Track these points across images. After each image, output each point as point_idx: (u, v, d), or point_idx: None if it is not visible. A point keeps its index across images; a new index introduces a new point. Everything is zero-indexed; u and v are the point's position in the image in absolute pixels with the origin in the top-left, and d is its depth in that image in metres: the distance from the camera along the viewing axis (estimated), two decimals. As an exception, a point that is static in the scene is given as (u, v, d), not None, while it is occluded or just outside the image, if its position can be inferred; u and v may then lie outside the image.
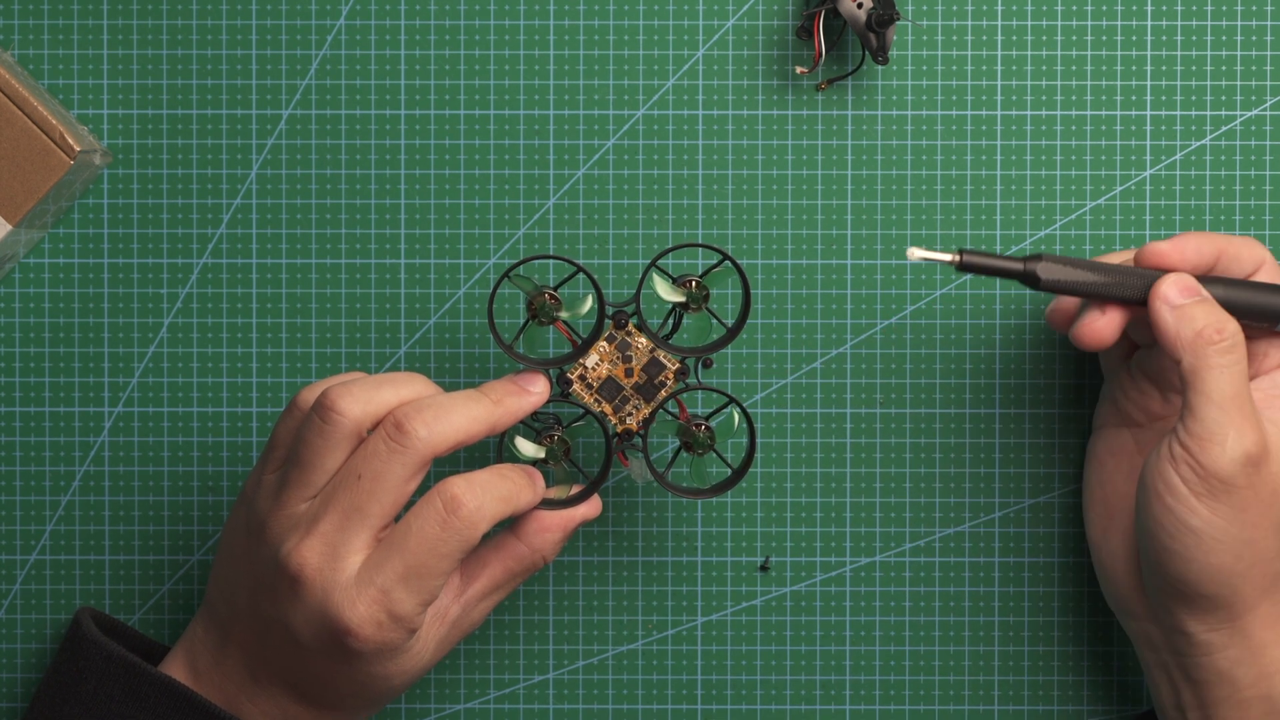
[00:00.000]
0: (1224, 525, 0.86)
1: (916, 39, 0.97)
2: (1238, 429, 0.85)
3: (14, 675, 0.98)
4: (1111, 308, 0.89)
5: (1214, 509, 0.86)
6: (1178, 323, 0.87)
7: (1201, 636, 0.88)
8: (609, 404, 0.90)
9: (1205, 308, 0.87)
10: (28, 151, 0.93)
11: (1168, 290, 0.88)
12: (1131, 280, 0.88)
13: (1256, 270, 0.90)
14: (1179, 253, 0.89)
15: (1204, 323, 0.87)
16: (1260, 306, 0.89)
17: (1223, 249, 0.90)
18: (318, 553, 0.85)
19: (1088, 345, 0.89)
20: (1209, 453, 0.85)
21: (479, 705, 0.98)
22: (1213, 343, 0.86)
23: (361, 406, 0.86)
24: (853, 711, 0.98)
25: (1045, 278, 0.88)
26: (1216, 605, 0.87)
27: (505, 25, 0.97)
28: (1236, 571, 0.86)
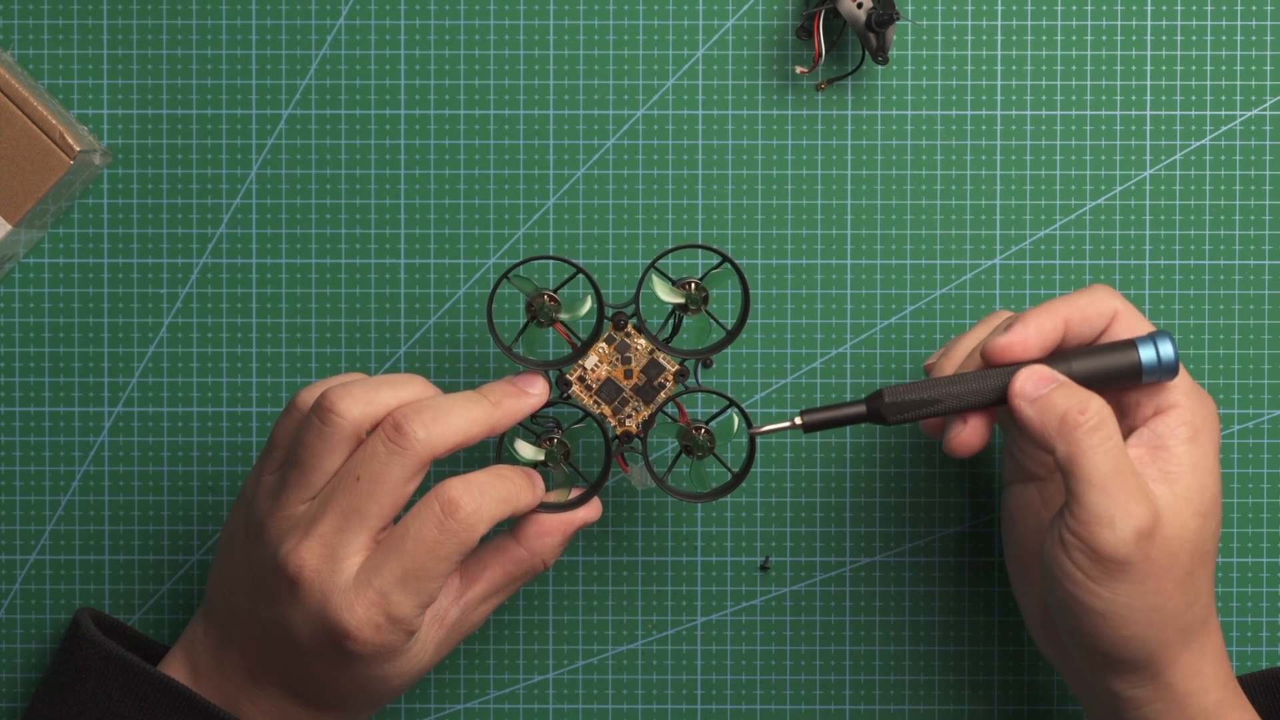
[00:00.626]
0: (1127, 601, 0.85)
1: (916, 39, 0.97)
2: (1123, 508, 0.84)
3: (14, 675, 0.98)
4: (972, 416, 0.88)
5: (1114, 589, 0.85)
6: (1041, 415, 0.86)
7: (1127, 694, 0.88)
8: (608, 406, 0.90)
9: (1062, 392, 0.86)
10: (28, 151, 0.93)
11: (1022, 386, 0.86)
12: (979, 385, 0.87)
13: (1110, 323, 0.88)
14: (1022, 343, 0.87)
15: (1064, 407, 0.85)
16: (1121, 368, 0.87)
17: (1066, 318, 0.88)
18: (316, 554, 0.85)
19: (962, 455, 0.88)
20: (1099, 537, 0.84)
21: (479, 705, 0.98)
22: (1078, 425, 0.85)
23: (360, 408, 0.86)
24: (853, 711, 0.98)
25: (892, 415, 0.87)
26: (1136, 667, 0.87)
27: (505, 25, 0.97)
28: (1149, 636, 0.86)
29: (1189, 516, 0.86)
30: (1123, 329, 0.88)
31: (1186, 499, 0.86)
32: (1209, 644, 0.88)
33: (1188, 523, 0.86)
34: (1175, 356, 0.87)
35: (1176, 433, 0.87)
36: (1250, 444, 0.97)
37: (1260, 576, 0.98)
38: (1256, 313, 0.97)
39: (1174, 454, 0.87)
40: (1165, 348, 0.87)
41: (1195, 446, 0.87)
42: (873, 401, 0.88)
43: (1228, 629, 0.98)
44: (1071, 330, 0.88)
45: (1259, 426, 0.97)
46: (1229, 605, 0.98)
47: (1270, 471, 0.97)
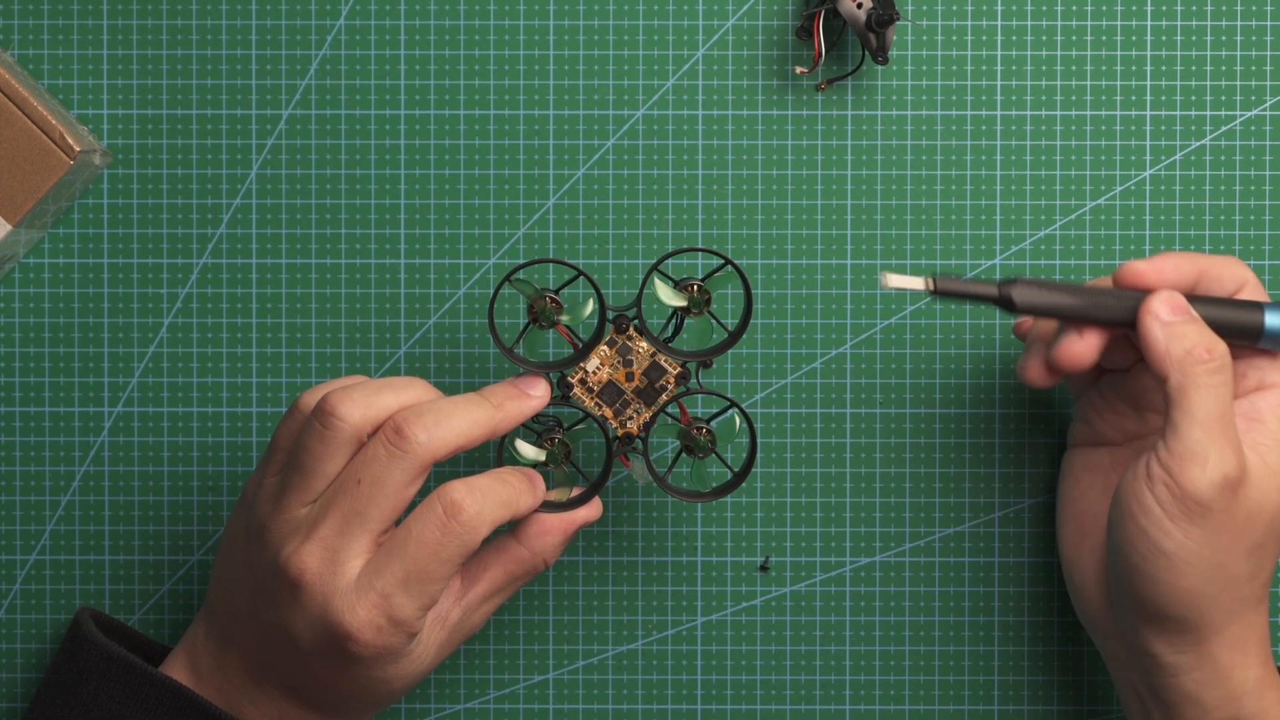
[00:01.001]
0: (1196, 549, 0.85)
1: (916, 39, 0.97)
2: (1219, 450, 0.85)
3: (14, 675, 0.98)
4: (1089, 330, 0.88)
5: (1188, 532, 0.85)
6: (1168, 339, 0.86)
7: (1168, 659, 0.88)
8: (609, 408, 0.90)
9: (1195, 327, 0.87)
10: (28, 151, 0.93)
11: (1158, 306, 0.87)
12: (1110, 301, 0.88)
13: (1238, 290, 0.89)
14: (1158, 272, 0.88)
15: (1194, 341, 0.86)
16: (1243, 324, 0.88)
17: (1203, 269, 0.89)
18: (317, 557, 0.85)
19: (1067, 368, 0.88)
20: (1188, 473, 0.85)
21: (479, 705, 0.98)
22: (1202, 361, 0.86)
23: (362, 411, 0.86)
24: (853, 711, 0.98)
25: (1020, 301, 0.87)
26: (1184, 628, 0.87)
27: (505, 25, 0.97)
28: (1206, 595, 0.86)
29: (1274, 489, 0.86)
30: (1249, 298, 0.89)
31: (1275, 471, 0.87)
32: (1258, 622, 0.88)
33: (1270, 493, 0.86)
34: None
35: (1275, 409, 0.88)
36: (1250, 444, 0.98)
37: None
38: (1256, 313, 0.97)
39: (1268, 428, 0.88)
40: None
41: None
42: (1005, 287, 0.87)
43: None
44: (1203, 283, 0.89)
45: (1259, 426, 0.97)
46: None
47: (1270, 471, 0.97)
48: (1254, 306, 0.88)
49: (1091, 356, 0.88)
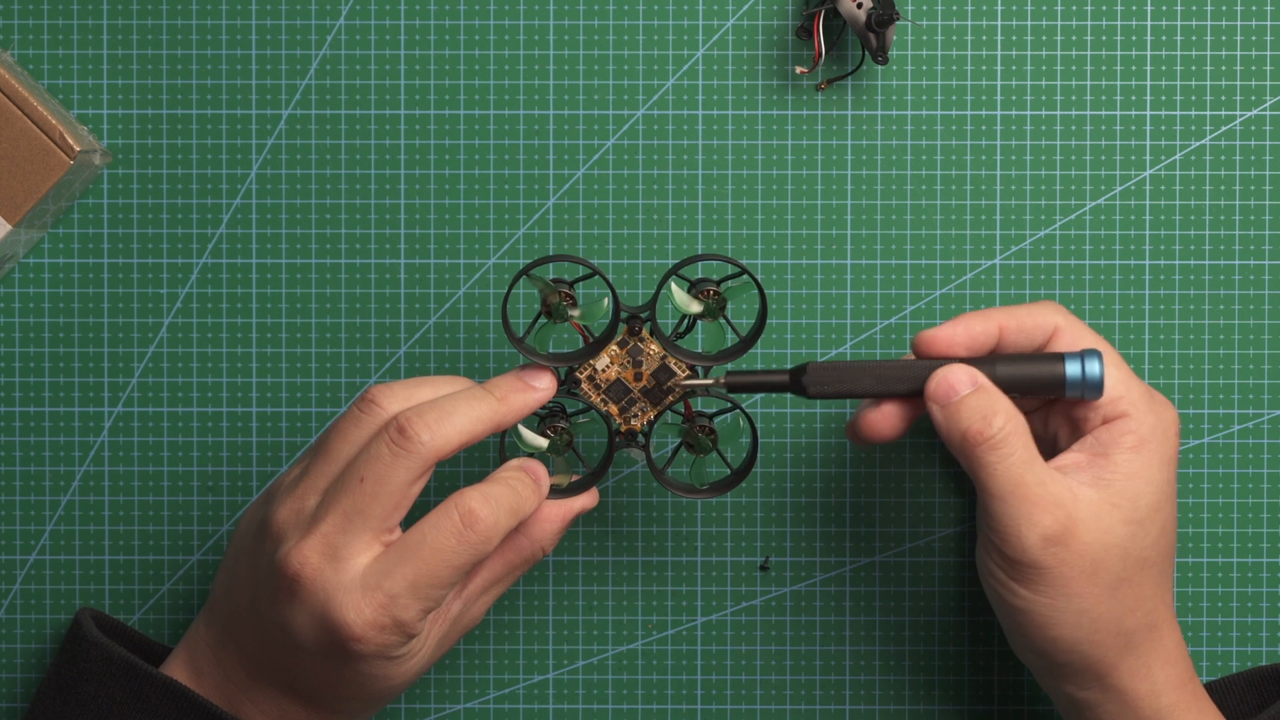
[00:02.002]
0: (1048, 602, 0.86)
1: (916, 39, 0.97)
2: (1027, 518, 0.85)
3: (14, 675, 0.98)
4: (887, 402, 0.89)
5: (1033, 589, 0.86)
6: (946, 424, 0.87)
7: (1079, 696, 0.89)
8: (615, 405, 0.90)
9: (971, 402, 0.87)
10: (28, 151, 0.93)
11: (935, 389, 0.87)
12: (900, 375, 0.88)
13: (1049, 338, 0.89)
14: (949, 339, 0.88)
15: (967, 423, 0.86)
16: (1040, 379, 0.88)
17: (1001, 324, 0.89)
18: (318, 553, 0.85)
19: (869, 439, 0.89)
20: (1008, 544, 0.86)
21: (479, 705, 0.98)
22: (979, 442, 0.86)
23: (400, 403, 0.87)
24: (853, 711, 0.98)
25: (813, 389, 0.88)
26: (1075, 670, 0.88)
27: (505, 25, 0.97)
28: (1080, 639, 0.87)
29: (1116, 523, 0.87)
30: (1065, 345, 0.89)
31: (1115, 505, 0.87)
32: (1158, 649, 0.89)
33: (1113, 529, 0.87)
34: (1101, 376, 0.87)
35: (1120, 441, 0.88)
36: (1250, 444, 0.98)
37: (1260, 576, 0.98)
38: (1256, 313, 0.97)
39: (1113, 461, 0.88)
40: (1093, 366, 0.87)
41: (1137, 455, 0.88)
42: (797, 373, 0.89)
43: (1227, 629, 0.98)
44: (1007, 339, 0.89)
45: (1259, 426, 0.97)
46: (1229, 605, 0.98)
47: (1270, 471, 0.98)
48: (1054, 359, 0.88)
49: (891, 426, 0.89)
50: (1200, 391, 0.97)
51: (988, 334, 0.89)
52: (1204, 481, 0.97)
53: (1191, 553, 0.97)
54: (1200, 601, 0.98)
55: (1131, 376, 0.89)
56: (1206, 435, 0.97)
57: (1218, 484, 0.97)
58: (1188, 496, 0.97)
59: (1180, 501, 0.97)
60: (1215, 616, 0.98)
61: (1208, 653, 0.98)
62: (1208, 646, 0.98)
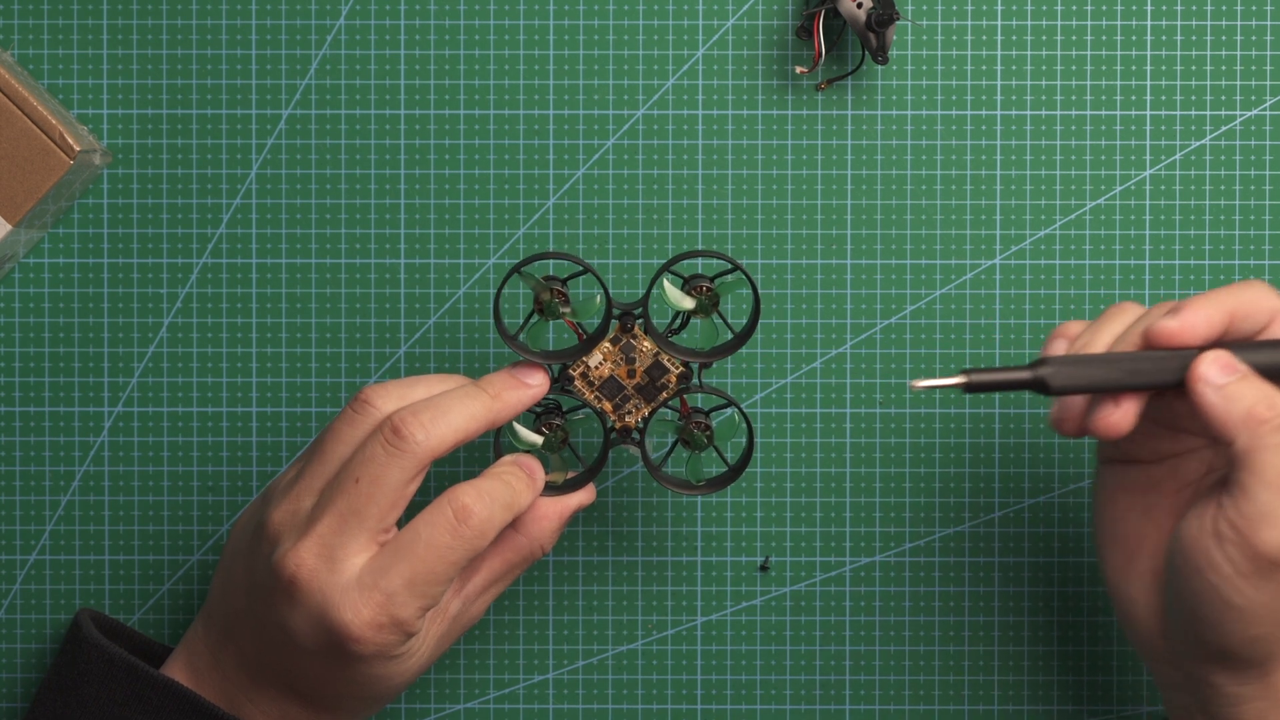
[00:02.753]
0: (1268, 601, 0.83)
1: (916, 39, 0.97)
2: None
3: (14, 675, 0.98)
4: (1125, 397, 0.85)
5: (1260, 588, 0.83)
6: (1225, 404, 0.84)
7: (1230, 689, 0.86)
8: (609, 402, 0.90)
9: (1249, 385, 0.84)
10: (28, 151, 0.93)
11: (1207, 371, 0.84)
12: (1148, 366, 0.85)
13: (1271, 321, 0.87)
14: (1190, 329, 0.85)
15: (1252, 400, 0.83)
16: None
17: (1231, 310, 0.86)
18: (314, 554, 0.85)
19: (1107, 437, 0.85)
20: (1262, 535, 0.82)
21: (479, 705, 0.98)
22: (1264, 421, 0.83)
23: (395, 403, 0.87)
24: (853, 711, 0.98)
25: (1055, 384, 0.85)
26: (1249, 664, 0.85)
27: (505, 25, 0.97)
28: (1274, 638, 0.84)
29: None
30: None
31: None
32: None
33: None
34: None
35: None
36: (1250, 444, 0.97)
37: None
38: (1256, 313, 0.97)
39: None
40: None
41: None
42: (1038, 369, 0.85)
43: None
44: (1234, 324, 0.86)
45: (1259, 426, 0.97)
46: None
47: (1270, 471, 0.97)
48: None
49: (1130, 423, 0.85)
50: (1200, 391, 0.97)
51: (1222, 320, 0.85)
52: (1204, 481, 0.97)
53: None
54: (1200, 601, 0.98)
55: None
56: (1206, 435, 0.97)
57: (1218, 484, 0.97)
58: (1188, 496, 0.97)
59: (1180, 501, 0.97)
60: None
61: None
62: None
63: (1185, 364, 0.85)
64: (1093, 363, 0.85)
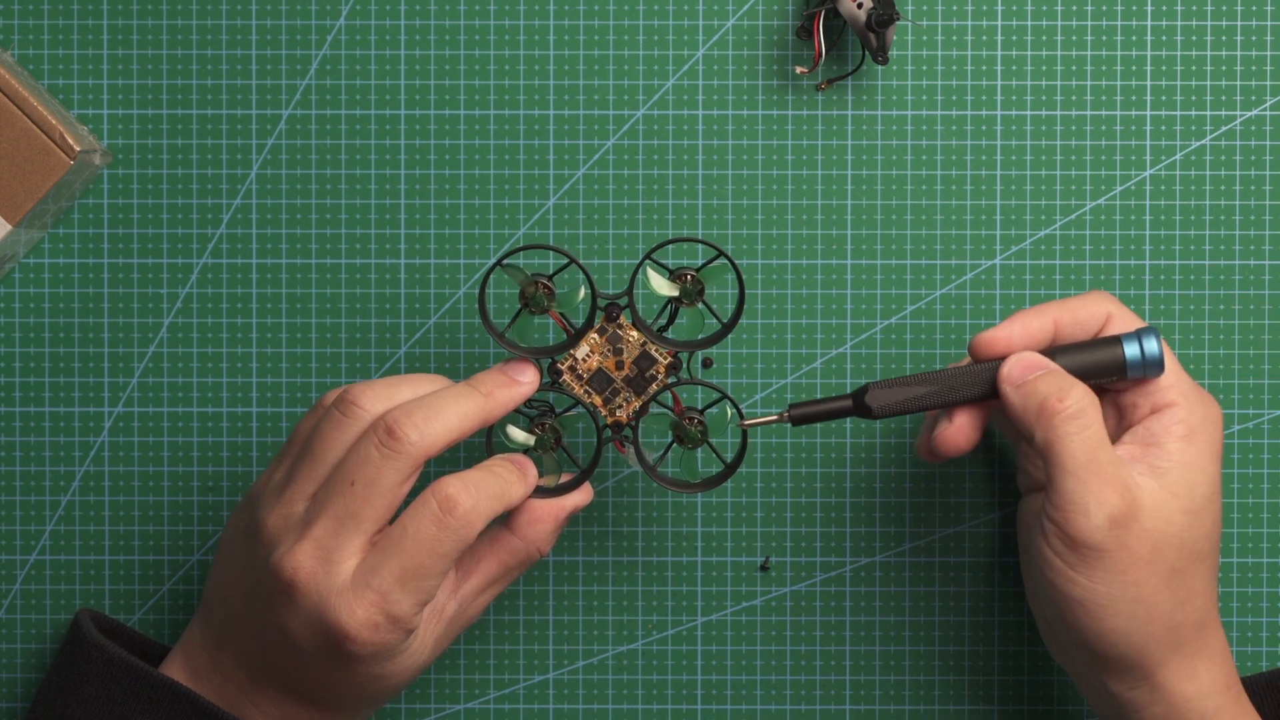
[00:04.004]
0: (1107, 590, 0.86)
1: (916, 39, 0.97)
2: (1096, 495, 0.85)
3: (14, 675, 0.98)
4: (958, 413, 0.89)
5: (1091, 576, 0.86)
6: (1023, 400, 0.87)
7: (1124, 695, 0.88)
8: (599, 396, 0.90)
9: (1046, 379, 0.87)
10: (28, 151, 0.93)
11: (1009, 371, 0.87)
12: (965, 380, 0.88)
13: (1103, 326, 0.89)
14: (1007, 338, 0.88)
15: (1044, 393, 0.86)
16: (1105, 362, 0.88)
17: (1057, 319, 0.89)
18: (311, 557, 0.85)
19: (947, 453, 0.89)
20: (1073, 523, 0.85)
21: (479, 705, 0.98)
22: (1057, 412, 0.86)
23: (383, 404, 0.87)
24: (853, 711, 0.98)
25: (876, 406, 0.88)
26: (1125, 665, 0.87)
27: (505, 25, 0.97)
28: (1133, 631, 0.86)
29: (1175, 512, 0.86)
30: (1118, 331, 0.89)
31: (1173, 494, 0.86)
32: (1205, 648, 0.88)
33: (1173, 518, 0.86)
34: (1160, 352, 0.87)
35: (1170, 430, 0.88)
36: (1250, 444, 0.98)
37: (1260, 576, 0.98)
38: (1256, 313, 0.97)
39: (1165, 450, 0.87)
40: (1150, 344, 0.87)
41: (1189, 445, 0.87)
42: (858, 395, 0.88)
43: (1228, 629, 0.98)
44: (1062, 331, 0.89)
45: (1259, 426, 0.98)
46: (1229, 605, 0.98)
47: (1270, 471, 0.98)
48: (1112, 341, 0.88)
49: (967, 436, 0.89)
50: (1200, 391, 0.97)
51: (1044, 329, 0.89)
52: (1204, 481, 0.98)
53: (1191, 553, 0.98)
54: (1200, 601, 0.98)
55: (1177, 366, 0.89)
56: (1206, 435, 0.97)
57: (1218, 484, 0.97)
58: (1188, 496, 0.98)
59: (1180, 501, 0.98)
60: (1215, 616, 0.98)
61: (1208, 653, 0.98)
62: (1208, 646, 0.98)
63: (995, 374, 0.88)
64: (910, 383, 0.88)
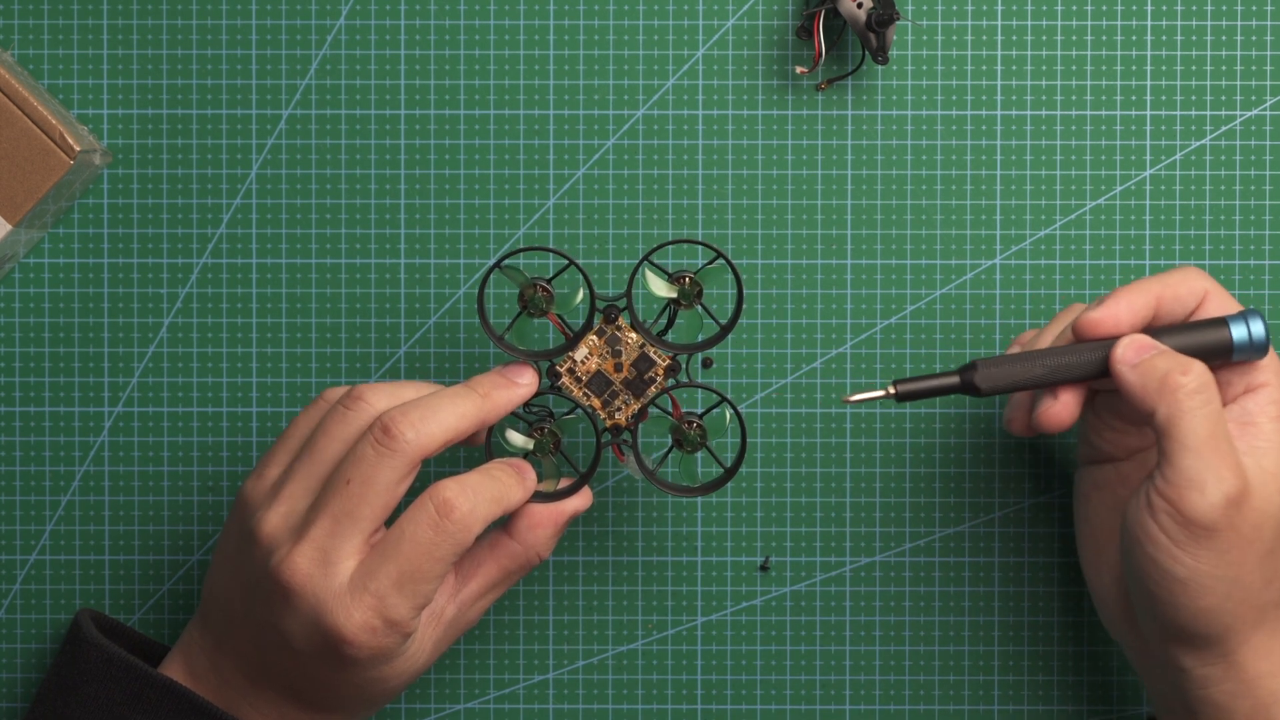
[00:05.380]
0: (1210, 569, 0.85)
1: (916, 39, 0.97)
2: (1216, 473, 0.84)
3: (14, 675, 0.98)
4: (1063, 391, 0.88)
5: (1197, 555, 0.85)
6: (1142, 378, 0.86)
7: (1197, 671, 0.87)
8: (598, 398, 0.90)
9: (1165, 356, 0.86)
10: (28, 151, 0.93)
11: (1124, 353, 0.86)
12: (1073, 359, 0.87)
13: (1200, 303, 0.89)
14: (1114, 318, 0.87)
15: (1166, 369, 0.85)
16: (1212, 344, 0.87)
17: (1158, 295, 0.88)
18: (309, 559, 0.85)
19: (1052, 430, 0.88)
20: (1188, 500, 0.84)
21: (479, 705, 0.98)
22: (1180, 386, 0.85)
23: (388, 401, 0.87)
24: (853, 711, 0.98)
25: (985, 385, 0.87)
26: (1209, 642, 0.86)
27: (505, 25, 0.97)
28: (1226, 610, 0.86)
29: (1275, 492, 0.86)
30: (1213, 309, 0.89)
31: (1274, 474, 0.86)
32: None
33: (1273, 498, 0.86)
34: (1266, 335, 0.87)
35: (1266, 410, 0.87)
36: (1250, 444, 0.97)
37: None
38: (1256, 313, 0.97)
39: (1262, 430, 0.87)
40: (1256, 326, 0.87)
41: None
42: (966, 372, 0.88)
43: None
44: (1163, 308, 0.88)
45: (1259, 426, 0.97)
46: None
47: (1270, 471, 0.97)
48: (1219, 323, 0.87)
49: (1071, 414, 0.88)
50: (1200, 391, 0.97)
51: (1147, 306, 0.88)
52: (1204, 481, 0.97)
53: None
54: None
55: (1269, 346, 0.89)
56: (1206, 435, 0.97)
57: (1218, 484, 0.97)
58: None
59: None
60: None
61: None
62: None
63: (1108, 353, 0.87)
64: (1018, 361, 0.87)
